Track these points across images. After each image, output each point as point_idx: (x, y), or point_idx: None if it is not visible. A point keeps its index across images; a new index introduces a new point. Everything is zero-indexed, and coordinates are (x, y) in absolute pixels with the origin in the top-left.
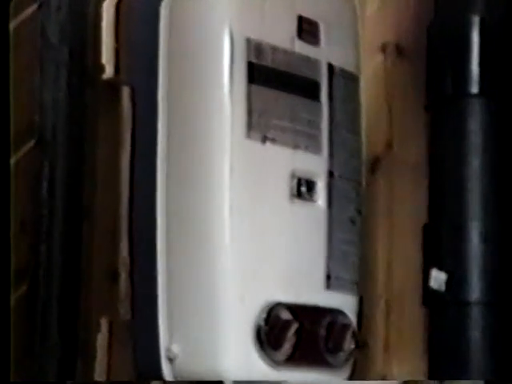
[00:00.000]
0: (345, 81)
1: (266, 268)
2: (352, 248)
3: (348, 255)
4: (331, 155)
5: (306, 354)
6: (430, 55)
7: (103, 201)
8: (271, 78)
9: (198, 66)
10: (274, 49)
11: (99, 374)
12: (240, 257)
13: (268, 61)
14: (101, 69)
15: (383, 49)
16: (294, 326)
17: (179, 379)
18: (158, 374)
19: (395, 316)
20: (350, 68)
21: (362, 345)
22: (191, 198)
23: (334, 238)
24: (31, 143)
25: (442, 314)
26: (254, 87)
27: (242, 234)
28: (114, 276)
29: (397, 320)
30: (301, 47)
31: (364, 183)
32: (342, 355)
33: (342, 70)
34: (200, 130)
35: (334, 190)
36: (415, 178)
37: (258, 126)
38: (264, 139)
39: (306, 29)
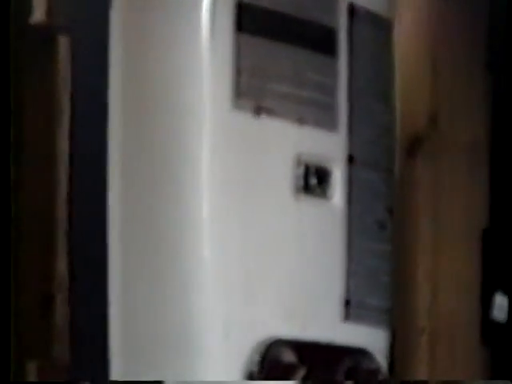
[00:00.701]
0: (372, 27)
1: (260, 290)
2: (381, 262)
3: (375, 272)
4: (351, 133)
5: None
6: None
7: (33, 197)
8: (268, 23)
9: (166, 7)
10: None
11: None
12: (223, 275)
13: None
14: (28, 10)
15: None
16: (300, 372)
17: None
18: None
19: (443, 355)
20: (379, 9)
21: None
22: (156, 195)
23: (355, 249)
24: None
25: (508, 353)
26: (244, 37)
27: (227, 243)
28: (47, 302)
29: (446, 361)
30: None
31: (398, 172)
32: None
33: (368, 13)
34: (168, 97)
35: (355, 181)
36: (470, 165)
37: (249, 91)
38: (258, 110)
39: None
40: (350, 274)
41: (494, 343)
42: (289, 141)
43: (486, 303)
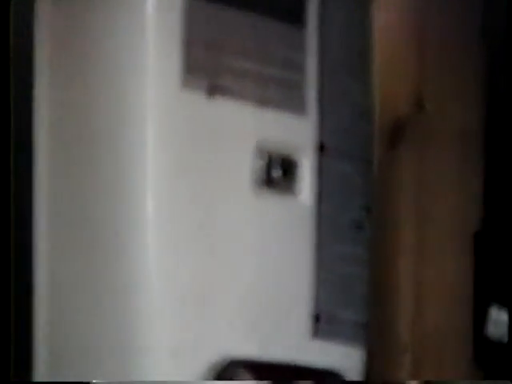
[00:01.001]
0: None
1: (214, 302)
2: (356, 269)
3: (349, 281)
4: (322, 117)
5: None
6: None
7: None
8: None
9: None
10: None
11: None
12: (171, 284)
13: None
14: None
15: None
16: None
17: None
18: None
19: (429, 377)
20: None
21: None
22: (92, 189)
23: (326, 253)
24: None
25: (505, 377)
26: (196, 4)
27: (175, 246)
28: None
29: None
30: None
31: (377, 164)
32: None
33: None
34: (107, 74)
35: (326, 174)
36: (461, 157)
37: (201, 67)
38: (212, 90)
39: None
40: (320, 282)
41: (488, 364)
42: (248, 126)
43: (480, 318)
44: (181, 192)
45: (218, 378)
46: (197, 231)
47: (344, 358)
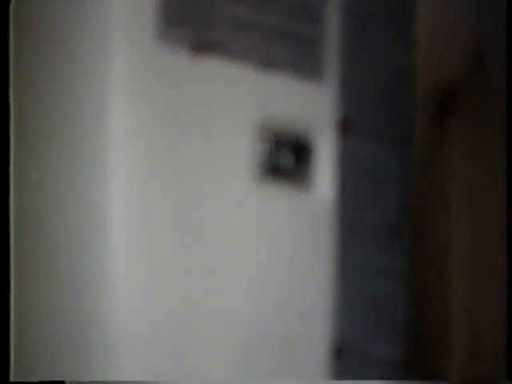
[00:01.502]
0: None
1: (195, 335)
2: (390, 286)
3: (382, 302)
4: (346, 83)
5: None
6: None
7: None
8: None
9: None
10: None
11: None
12: (137, 297)
13: None
14: None
15: None
16: None
17: None
18: None
19: None
20: None
21: None
22: (44, 178)
23: (349, 265)
24: None
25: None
26: None
27: (147, 255)
28: None
29: None
30: None
31: (419, 146)
32: None
33: None
34: (67, 28)
35: (351, 160)
36: None
37: (185, 17)
38: (199, 47)
39: None
40: (342, 304)
41: None
42: (248, 95)
43: None
44: (156, 185)
45: None
46: (176, 236)
47: None
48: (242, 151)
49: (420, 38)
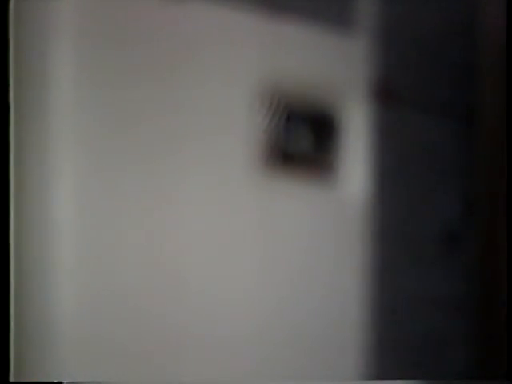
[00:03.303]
0: None
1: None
2: (449, 307)
3: (439, 330)
4: (385, 39)
5: None
6: None
7: None
8: None
9: None
10: None
11: None
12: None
13: None
14: None
15: None
16: None
17: None
18: None
19: None
20: None
21: None
22: None
23: (392, 283)
24: None
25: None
26: None
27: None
28: None
29: None
30: None
31: (482, 122)
32: None
33: None
34: None
35: (392, 140)
36: None
37: None
38: None
39: None
40: (382, 335)
41: None
42: (251, 54)
43: None
44: (144, 169)
45: None
46: (133, 235)
47: None
48: (244, 129)
49: None
